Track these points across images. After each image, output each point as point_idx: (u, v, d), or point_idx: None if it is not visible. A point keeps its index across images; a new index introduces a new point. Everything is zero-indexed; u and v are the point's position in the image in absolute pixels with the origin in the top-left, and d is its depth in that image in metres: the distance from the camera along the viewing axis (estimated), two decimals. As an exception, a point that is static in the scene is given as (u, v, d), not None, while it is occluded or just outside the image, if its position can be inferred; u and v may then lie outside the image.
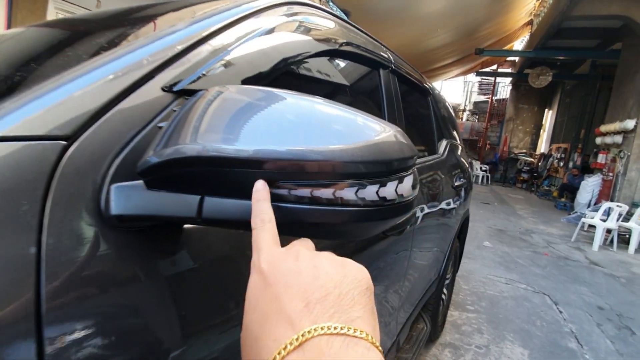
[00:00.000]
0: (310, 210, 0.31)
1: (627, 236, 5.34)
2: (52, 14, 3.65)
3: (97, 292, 0.32)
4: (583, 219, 5.61)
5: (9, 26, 3.42)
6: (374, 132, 0.33)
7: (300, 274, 0.24)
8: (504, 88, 16.00)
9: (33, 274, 0.28)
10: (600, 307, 3.06)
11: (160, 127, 0.39)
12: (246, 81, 0.52)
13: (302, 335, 0.21)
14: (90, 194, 0.33)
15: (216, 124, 0.34)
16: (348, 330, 0.21)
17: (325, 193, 0.30)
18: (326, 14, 0.88)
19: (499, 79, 15.36)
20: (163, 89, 0.42)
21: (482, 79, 16.78)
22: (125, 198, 0.34)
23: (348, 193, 0.30)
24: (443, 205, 1.60)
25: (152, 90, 0.41)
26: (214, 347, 0.44)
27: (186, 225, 0.40)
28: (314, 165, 0.30)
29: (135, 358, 0.34)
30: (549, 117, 14.08)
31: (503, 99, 15.58)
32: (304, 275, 0.24)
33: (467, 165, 2.37)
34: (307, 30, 0.76)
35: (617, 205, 5.36)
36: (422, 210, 1.28)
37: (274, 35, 0.63)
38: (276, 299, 0.23)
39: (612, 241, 5.31)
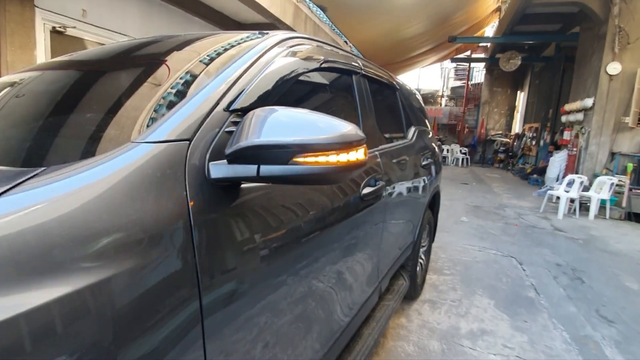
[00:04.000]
0: (314, 168, 0.64)
1: (588, 204, 5.89)
2: (39, 25, 3.80)
3: (208, 214, 0.64)
4: (550, 192, 6.13)
5: (-1, 39, 3.55)
6: (342, 128, 0.65)
7: None
8: (479, 73, 16.57)
9: (185, 200, 0.60)
10: (558, 264, 3.53)
11: (227, 132, 0.71)
12: (266, 97, 0.84)
13: None
14: (201, 168, 0.65)
15: (258, 128, 0.66)
16: None
17: (321, 159, 0.63)
18: (314, 41, 1.20)
19: (473, 64, 15.92)
20: (224, 109, 0.73)
21: (458, 64, 17.33)
22: (217, 170, 0.66)
23: (332, 158, 0.63)
24: (412, 181, 1.95)
25: (220, 110, 0.72)
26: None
27: (246, 185, 0.73)
28: (315, 146, 0.62)
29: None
30: (521, 99, 14.73)
31: (478, 84, 16.15)
32: None
33: (435, 147, 2.73)
34: (300, 56, 1.08)
35: (578, 177, 5.90)
36: (392, 185, 1.63)
37: (280, 64, 0.95)
38: None
39: (575, 209, 5.86)
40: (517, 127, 14.77)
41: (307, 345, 0.99)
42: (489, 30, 13.79)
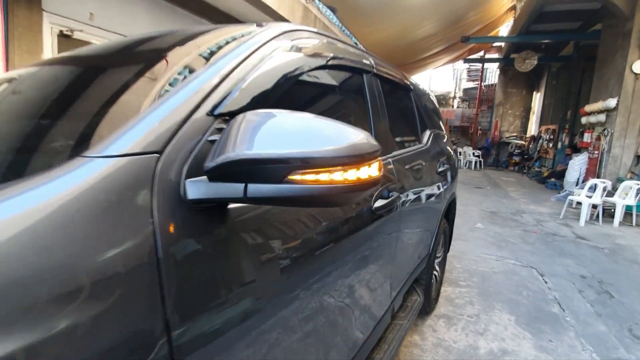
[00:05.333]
0: (315, 189, 0.50)
1: (612, 210, 5.60)
2: (47, 29, 3.78)
3: (185, 247, 0.51)
4: (570, 197, 5.86)
5: (6, 42, 3.54)
6: (352, 136, 0.52)
7: None
8: (492, 73, 16.22)
9: (152, 234, 0.47)
10: (583, 276, 3.30)
11: (210, 141, 0.58)
12: (261, 99, 0.71)
13: None
14: (175, 186, 0.52)
15: (247, 137, 0.52)
16: None
17: (323, 177, 0.50)
18: (318, 35, 1.07)
19: (486, 65, 15.58)
20: (207, 114, 0.61)
21: (470, 65, 17.00)
22: (196, 188, 0.53)
23: (337, 176, 0.50)
24: (427, 189, 1.80)
25: (201, 115, 0.60)
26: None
27: (235, 205, 0.60)
28: (316, 160, 0.49)
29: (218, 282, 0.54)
30: (537, 100, 14.32)
31: (492, 85, 15.81)
32: None
33: (452, 152, 2.56)
34: (304, 52, 0.94)
35: (601, 182, 5.62)
36: (407, 195, 1.48)
37: (279, 60, 0.82)
38: None
39: (598, 216, 5.57)
40: (532, 129, 14.37)
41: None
42: (504, 30, 13.45)
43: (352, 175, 0.50)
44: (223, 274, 0.57)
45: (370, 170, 0.52)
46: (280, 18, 5.41)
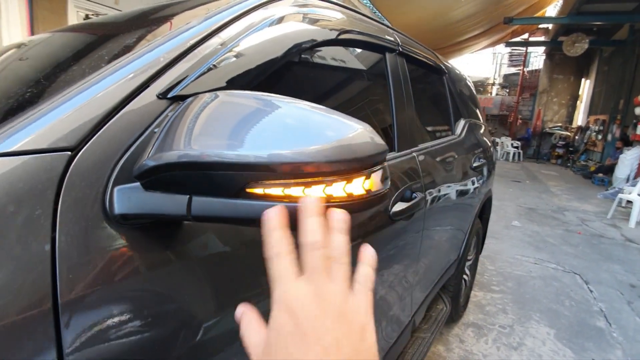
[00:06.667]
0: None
1: (670, 211, 5.00)
2: (72, 13, 3.79)
3: (105, 283, 0.37)
4: (620, 195, 5.30)
5: (32, 25, 3.57)
6: (345, 131, 0.35)
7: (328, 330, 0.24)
8: (537, 58, 15.05)
9: (49, 269, 0.33)
10: (632, 285, 2.94)
11: (155, 133, 0.43)
12: (238, 82, 0.55)
13: None
14: (96, 196, 0.38)
15: (199, 130, 0.37)
16: None
17: (297, 191, 0.33)
18: (326, 2, 0.88)
19: (530, 49, 14.43)
20: (158, 97, 0.45)
21: (513, 49, 15.81)
22: (127, 199, 0.38)
23: (315, 191, 0.33)
24: (459, 186, 1.58)
25: (149, 98, 0.45)
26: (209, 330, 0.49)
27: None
28: (290, 166, 0.32)
29: (141, 343, 0.39)
30: (586, 87, 13.15)
31: (535, 70, 14.67)
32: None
33: (490, 145, 2.30)
34: (306, 21, 0.77)
35: (660, 179, 5.02)
36: (434, 194, 1.28)
37: (267, 34, 0.65)
38: (306, 349, 0.23)
39: (652, 217, 5.01)
40: (579, 119, 13.26)
41: None
42: (551, 11, 12.33)
43: (340, 190, 0.33)
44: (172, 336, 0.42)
45: (369, 182, 0.34)
46: None
